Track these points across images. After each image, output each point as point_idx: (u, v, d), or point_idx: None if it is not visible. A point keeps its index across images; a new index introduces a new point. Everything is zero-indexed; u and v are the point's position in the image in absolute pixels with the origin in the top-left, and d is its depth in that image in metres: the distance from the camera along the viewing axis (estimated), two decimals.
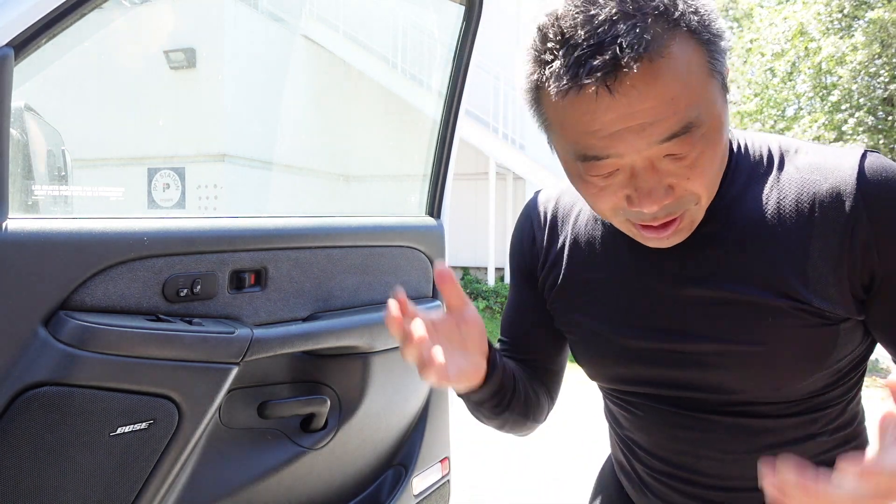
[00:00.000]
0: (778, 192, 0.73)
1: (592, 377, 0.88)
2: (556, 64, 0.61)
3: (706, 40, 0.62)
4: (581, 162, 0.66)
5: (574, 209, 0.89)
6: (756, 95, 13.45)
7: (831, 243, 0.69)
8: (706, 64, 0.63)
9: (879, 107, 10.99)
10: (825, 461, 0.78)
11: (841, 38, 10.89)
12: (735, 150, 0.77)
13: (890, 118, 10.86)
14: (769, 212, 0.72)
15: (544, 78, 0.63)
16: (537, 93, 0.67)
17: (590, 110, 0.61)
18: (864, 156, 0.70)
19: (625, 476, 0.94)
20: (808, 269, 0.70)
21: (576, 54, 0.59)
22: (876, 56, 10.53)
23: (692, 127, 0.62)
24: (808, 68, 11.75)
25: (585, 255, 0.85)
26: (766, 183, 0.74)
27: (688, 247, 0.75)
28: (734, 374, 0.74)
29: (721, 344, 0.74)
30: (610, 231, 0.83)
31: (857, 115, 10.73)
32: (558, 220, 0.90)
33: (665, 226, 0.69)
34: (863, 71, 10.67)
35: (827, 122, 11.07)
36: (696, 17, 0.61)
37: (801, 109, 13.21)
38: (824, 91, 11.99)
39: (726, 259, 0.74)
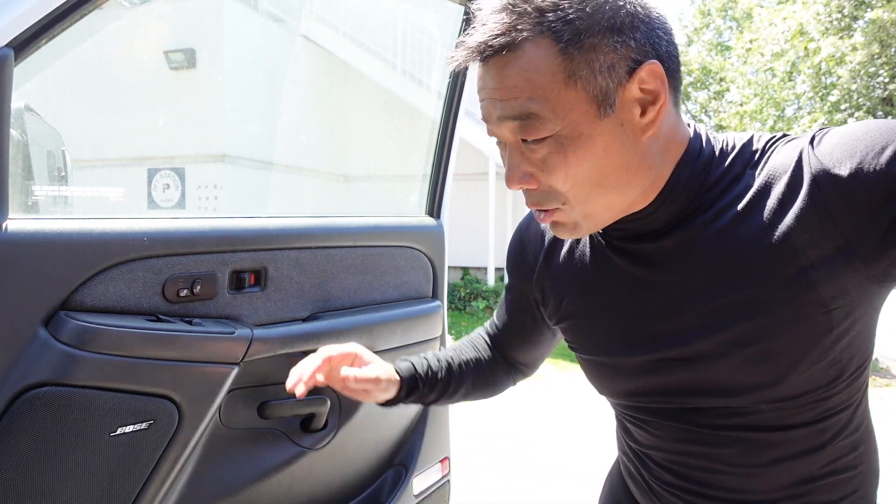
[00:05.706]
0: (753, 193, 0.73)
1: (602, 393, 0.89)
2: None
3: (566, 51, 0.67)
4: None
5: None
6: (756, 95, 13.45)
7: (817, 235, 0.68)
8: (562, 71, 0.67)
9: (879, 107, 10.99)
10: (834, 470, 0.79)
11: (840, 38, 10.88)
12: (719, 152, 0.77)
13: (889, 118, 10.86)
14: (749, 215, 0.72)
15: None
16: None
17: (479, 77, 0.73)
18: (812, 139, 0.71)
19: (633, 483, 0.94)
20: (802, 261, 0.69)
21: (468, 31, 0.73)
22: (875, 56, 10.52)
23: (530, 118, 0.68)
24: (808, 68, 11.75)
25: (582, 274, 0.86)
26: (744, 184, 0.74)
27: (674, 256, 0.76)
28: (735, 368, 0.74)
29: (718, 336, 0.74)
30: (601, 246, 0.84)
31: (856, 114, 10.73)
32: (551, 238, 0.91)
33: (542, 214, 0.76)
34: (862, 71, 10.67)
35: (826, 122, 11.07)
36: (566, 28, 0.66)
37: (801, 109, 13.22)
38: (824, 91, 11.99)
39: (712, 266, 0.74)
